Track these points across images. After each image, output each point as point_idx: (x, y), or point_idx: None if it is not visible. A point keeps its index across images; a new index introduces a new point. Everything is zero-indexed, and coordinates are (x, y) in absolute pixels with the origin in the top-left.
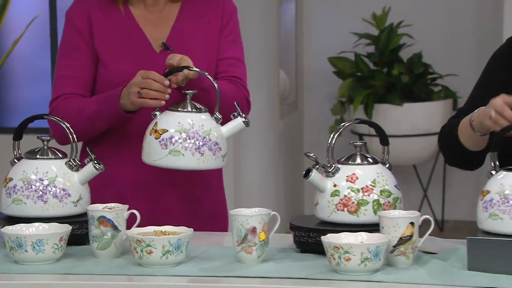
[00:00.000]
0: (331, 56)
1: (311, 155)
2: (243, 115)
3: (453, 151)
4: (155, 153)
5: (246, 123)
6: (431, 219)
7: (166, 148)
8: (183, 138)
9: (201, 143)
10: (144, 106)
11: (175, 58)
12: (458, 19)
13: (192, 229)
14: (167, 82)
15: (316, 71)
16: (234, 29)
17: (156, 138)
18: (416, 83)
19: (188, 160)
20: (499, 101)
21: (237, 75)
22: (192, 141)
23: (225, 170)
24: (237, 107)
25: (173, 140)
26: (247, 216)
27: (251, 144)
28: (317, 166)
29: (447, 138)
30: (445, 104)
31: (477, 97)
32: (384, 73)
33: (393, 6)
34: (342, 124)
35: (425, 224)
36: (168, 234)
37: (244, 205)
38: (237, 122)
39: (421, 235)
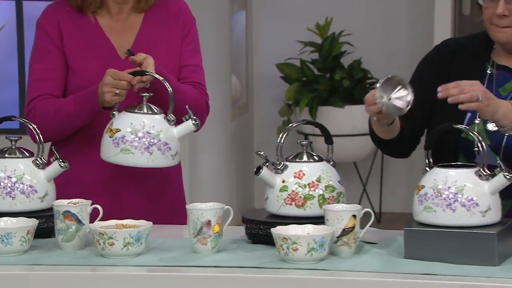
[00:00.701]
0: (278, 62)
1: (261, 153)
2: (194, 118)
3: (379, 143)
4: (108, 151)
5: (196, 125)
6: (371, 212)
7: (118, 146)
8: (133, 137)
9: (150, 143)
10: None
11: (140, 57)
12: (393, 29)
13: (151, 223)
14: (136, 84)
15: (265, 76)
16: (194, 39)
17: (110, 137)
18: (356, 87)
19: (138, 158)
20: (369, 95)
21: (198, 81)
22: (142, 140)
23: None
24: (189, 111)
25: (125, 139)
26: (202, 210)
27: (205, 143)
28: (267, 164)
29: (371, 131)
30: None
31: None
32: (327, 78)
33: (335, 17)
34: (290, 125)
35: (365, 216)
36: (129, 227)
37: (199, 200)
38: (187, 124)
39: (362, 226)
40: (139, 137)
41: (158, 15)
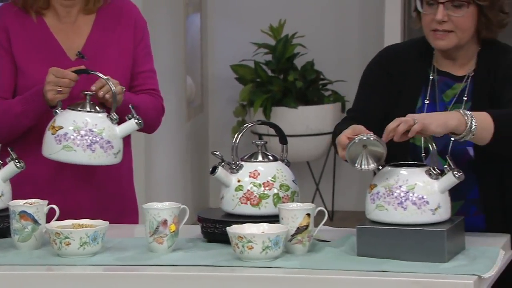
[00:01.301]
0: (233, 63)
1: (217, 153)
2: (136, 117)
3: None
4: (51, 148)
5: (139, 124)
6: (325, 210)
7: (60, 143)
8: (76, 135)
9: (93, 141)
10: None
11: (99, 84)
12: (345, 32)
13: (107, 222)
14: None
15: (220, 77)
16: (147, 43)
17: (53, 134)
18: (309, 88)
19: (80, 155)
20: (342, 138)
21: (153, 87)
22: (85, 138)
23: (137, 167)
24: (132, 110)
25: (67, 136)
26: (158, 209)
27: (161, 143)
28: (223, 164)
29: (335, 139)
30: (335, 107)
31: (359, 98)
32: (280, 79)
33: (288, 19)
34: (245, 125)
35: (319, 215)
36: (85, 227)
37: (155, 199)
38: (130, 123)
39: (315, 225)
40: (82, 134)
41: (109, 17)
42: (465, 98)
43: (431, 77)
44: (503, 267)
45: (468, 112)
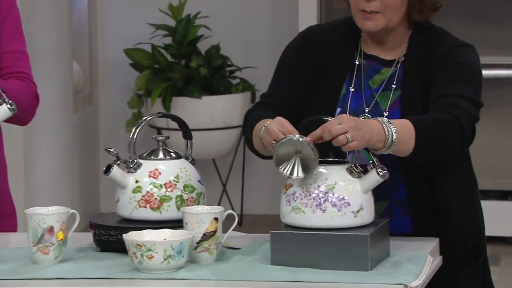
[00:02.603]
0: (127, 47)
1: (111, 150)
2: (9, 102)
3: (251, 146)
4: None
5: (13, 110)
6: (235, 214)
7: None
8: None
9: None
10: None
11: None
12: (254, 12)
13: None
14: None
15: (112, 62)
16: (15, 20)
17: None
18: (214, 75)
19: None
20: (273, 127)
21: (23, 70)
22: None
23: (14, 167)
24: (2, 94)
25: None
26: (43, 215)
27: (43, 139)
28: (118, 162)
29: (247, 130)
30: (243, 97)
31: (276, 82)
32: (182, 65)
33: None
34: (144, 118)
35: (228, 219)
36: None
37: (37, 203)
38: (3, 109)
39: (224, 230)
40: None
41: None
42: (393, 86)
43: (357, 62)
44: (431, 275)
45: (391, 127)
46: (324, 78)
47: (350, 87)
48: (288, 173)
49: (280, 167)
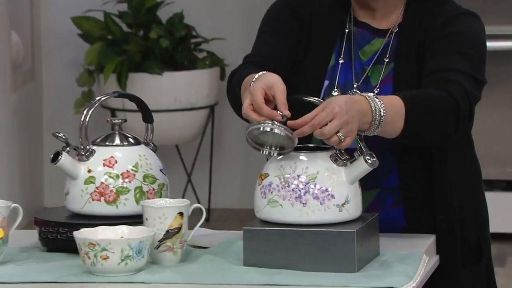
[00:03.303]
0: (75, 15)
1: (60, 135)
2: None
3: (238, 106)
4: None
5: None
6: (203, 208)
7: None
8: None
9: None
10: None
11: None
12: None
13: None
14: None
15: (58, 33)
16: None
17: None
18: (177, 48)
19: None
20: (259, 97)
21: None
22: None
23: None
24: None
25: None
26: None
27: None
28: (68, 149)
29: (233, 87)
30: (211, 73)
31: (261, 43)
32: (140, 36)
33: None
34: (98, 98)
35: (194, 214)
36: None
37: None
38: None
39: (190, 227)
40: None
41: None
42: (386, 60)
43: (347, 30)
44: (426, 277)
45: (379, 104)
46: (312, 46)
47: (340, 59)
48: (266, 153)
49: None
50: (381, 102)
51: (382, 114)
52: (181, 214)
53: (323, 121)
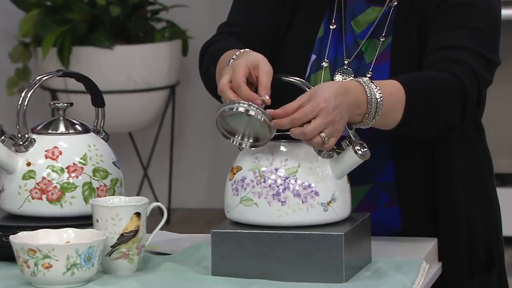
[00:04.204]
0: None
1: None
2: None
3: (213, 85)
4: None
5: None
6: (164, 208)
7: None
8: None
9: None
10: None
11: None
12: None
13: None
14: None
15: None
16: None
17: None
18: (131, 17)
19: None
20: (223, 83)
21: None
22: None
23: None
24: None
25: None
26: None
27: None
28: (3, 138)
29: (208, 63)
30: (171, 47)
31: (238, 9)
32: (85, 3)
33: None
34: (39, 78)
35: (152, 215)
36: None
37: None
38: None
39: (148, 230)
40: None
41: None
42: (384, 34)
43: None
44: (427, 287)
45: (375, 92)
46: (298, 14)
47: (331, 25)
48: (238, 145)
49: (229, 139)
50: (379, 90)
51: (379, 105)
52: (138, 214)
53: (305, 117)
